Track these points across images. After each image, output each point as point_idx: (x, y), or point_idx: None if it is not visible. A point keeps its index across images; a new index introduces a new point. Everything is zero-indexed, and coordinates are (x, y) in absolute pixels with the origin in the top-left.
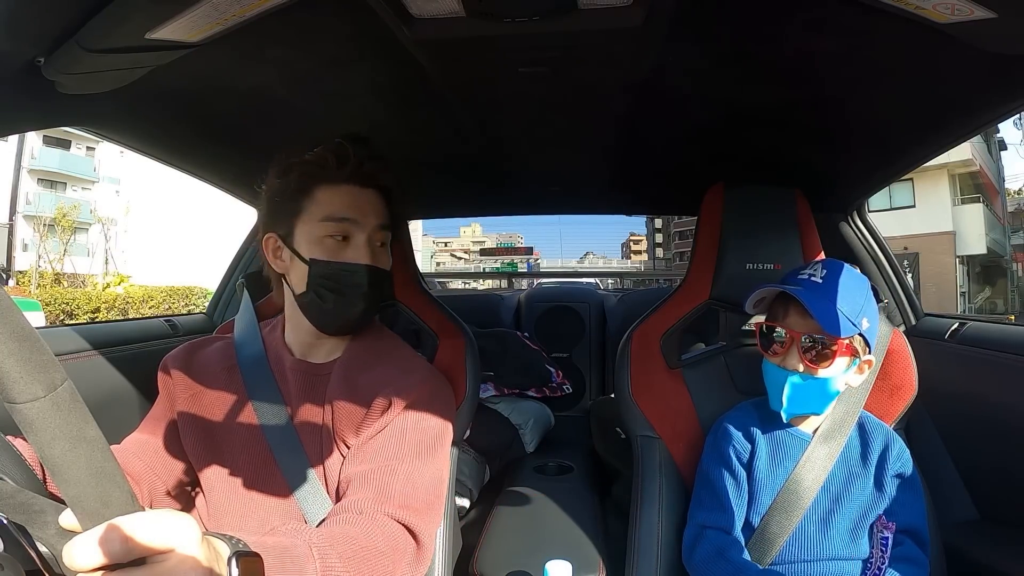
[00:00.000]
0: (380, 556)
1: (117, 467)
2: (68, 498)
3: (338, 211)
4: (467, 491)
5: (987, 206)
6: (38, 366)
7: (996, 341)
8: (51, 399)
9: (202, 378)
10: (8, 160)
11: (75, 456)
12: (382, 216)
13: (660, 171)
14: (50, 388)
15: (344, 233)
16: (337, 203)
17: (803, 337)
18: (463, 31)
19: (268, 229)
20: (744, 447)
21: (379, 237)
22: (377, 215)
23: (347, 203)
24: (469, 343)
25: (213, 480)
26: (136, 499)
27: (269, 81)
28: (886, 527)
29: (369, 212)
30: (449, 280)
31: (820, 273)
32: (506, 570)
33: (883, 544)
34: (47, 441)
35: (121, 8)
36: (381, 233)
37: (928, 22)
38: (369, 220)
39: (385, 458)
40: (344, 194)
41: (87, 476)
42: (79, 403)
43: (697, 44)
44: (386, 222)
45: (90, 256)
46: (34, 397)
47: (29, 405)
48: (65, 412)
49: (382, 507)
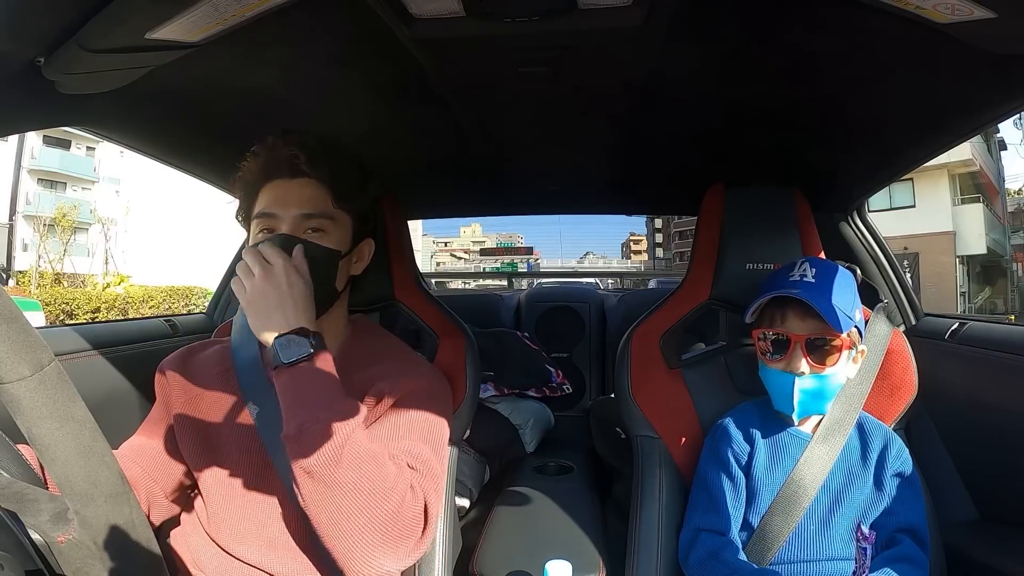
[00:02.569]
0: (391, 488)
1: (106, 447)
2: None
3: (263, 208)
4: (467, 491)
5: (987, 206)
6: (24, 346)
7: (996, 341)
8: (38, 378)
9: (198, 382)
10: (8, 160)
11: (62, 435)
12: (309, 204)
13: (660, 171)
14: (37, 367)
15: (270, 227)
16: (264, 200)
17: (806, 338)
18: (463, 31)
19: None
20: (743, 448)
21: (308, 224)
22: (301, 204)
23: (271, 198)
24: (469, 343)
25: (211, 483)
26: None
27: (269, 81)
28: (866, 539)
29: (292, 202)
30: (449, 280)
31: (810, 272)
32: (506, 570)
33: (863, 552)
34: (34, 420)
35: (121, 8)
36: (310, 221)
37: (928, 22)
38: (291, 209)
39: (383, 438)
40: (271, 190)
41: (75, 455)
42: (67, 383)
43: (697, 44)
44: (315, 210)
45: (90, 256)
46: (20, 376)
47: (16, 384)
48: (52, 391)
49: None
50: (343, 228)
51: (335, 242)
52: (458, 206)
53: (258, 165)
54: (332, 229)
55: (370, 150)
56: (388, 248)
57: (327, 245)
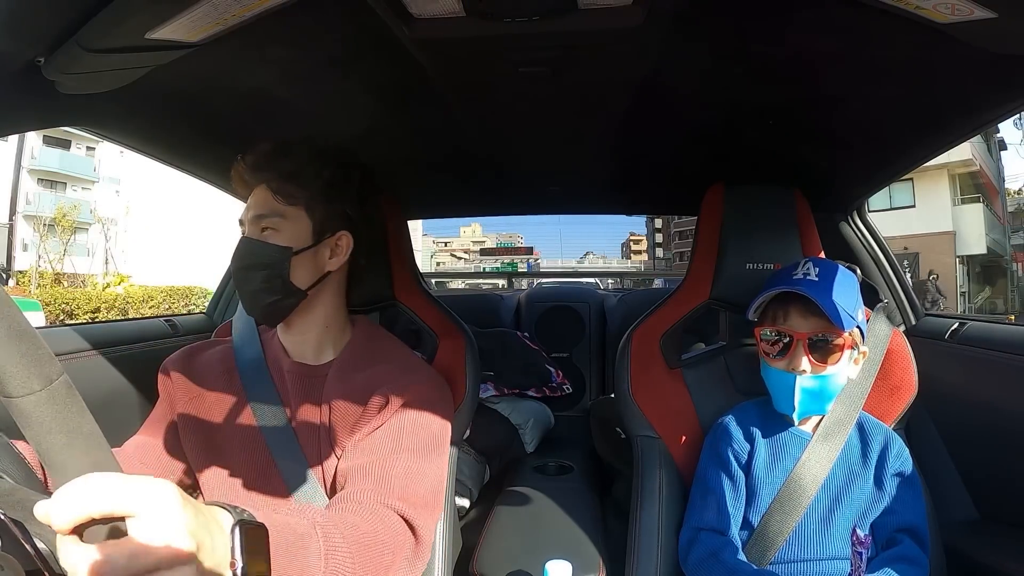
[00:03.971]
0: (381, 545)
1: (114, 461)
2: None
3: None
4: (467, 491)
5: (987, 206)
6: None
7: (996, 341)
8: (47, 392)
9: (202, 381)
10: (8, 160)
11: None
12: (259, 206)
13: (660, 171)
14: (46, 382)
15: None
16: None
17: (808, 336)
18: (463, 31)
19: None
20: (743, 448)
21: (260, 225)
22: (254, 207)
23: (245, 207)
24: (469, 343)
25: (213, 482)
26: None
27: (269, 81)
28: (861, 543)
29: (252, 207)
30: (449, 280)
31: (814, 271)
32: (506, 570)
33: (858, 556)
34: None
35: (121, 8)
36: (261, 221)
37: (928, 22)
38: (249, 214)
39: (383, 453)
40: (249, 199)
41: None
42: (75, 397)
43: (697, 44)
44: (265, 211)
45: (90, 256)
46: (30, 391)
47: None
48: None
49: (381, 498)
50: (298, 224)
51: (288, 239)
52: (458, 206)
53: (237, 174)
54: (284, 227)
55: (370, 150)
56: (388, 248)
57: (276, 243)
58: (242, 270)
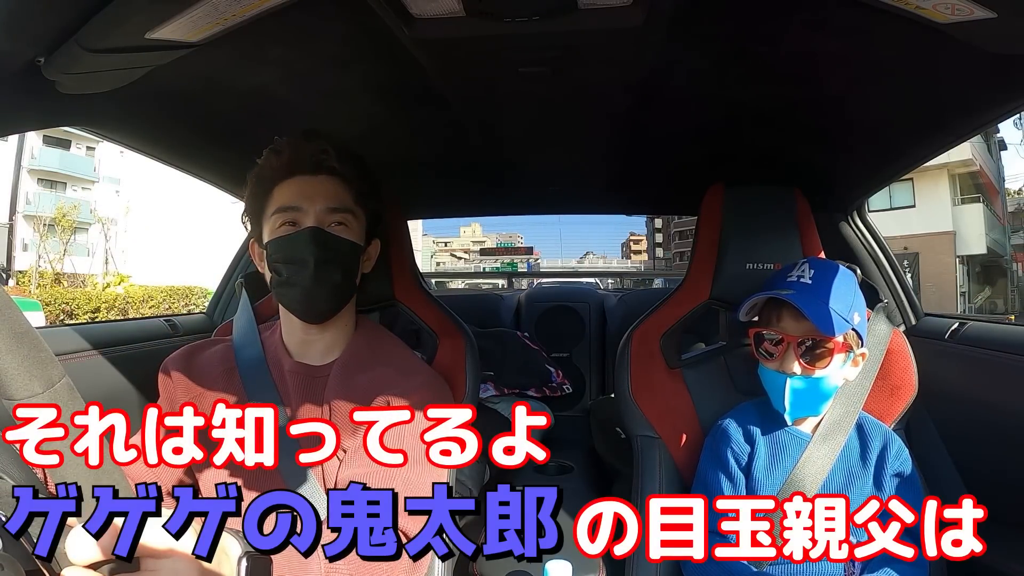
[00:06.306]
0: None
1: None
2: None
3: (286, 201)
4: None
5: (987, 206)
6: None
7: (996, 341)
8: (49, 395)
9: (202, 381)
10: (8, 160)
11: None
12: (334, 199)
13: (660, 171)
14: (48, 384)
15: (292, 220)
16: (286, 194)
17: (798, 340)
18: (463, 31)
19: (250, 235)
20: (743, 448)
21: (333, 218)
22: (327, 198)
23: (294, 192)
24: (469, 343)
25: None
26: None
27: (269, 81)
28: None
29: (317, 196)
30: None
31: (808, 273)
32: (506, 570)
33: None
34: None
35: (121, 8)
36: (335, 215)
37: (928, 22)
38: (316, 203)
39: None
40: (292, 185)
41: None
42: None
43: (697, 44)
44: (339, 205)
45: (90, 256)
46: (32, 394)
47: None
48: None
49: None
50: (361, 225)
51: (355, 237)
52: (458, 206)
53: (281, 161)
54: (353, 224)
55: (370, 150)
56: (388, 248)
57: (349, 238)
58: (323, 263)
